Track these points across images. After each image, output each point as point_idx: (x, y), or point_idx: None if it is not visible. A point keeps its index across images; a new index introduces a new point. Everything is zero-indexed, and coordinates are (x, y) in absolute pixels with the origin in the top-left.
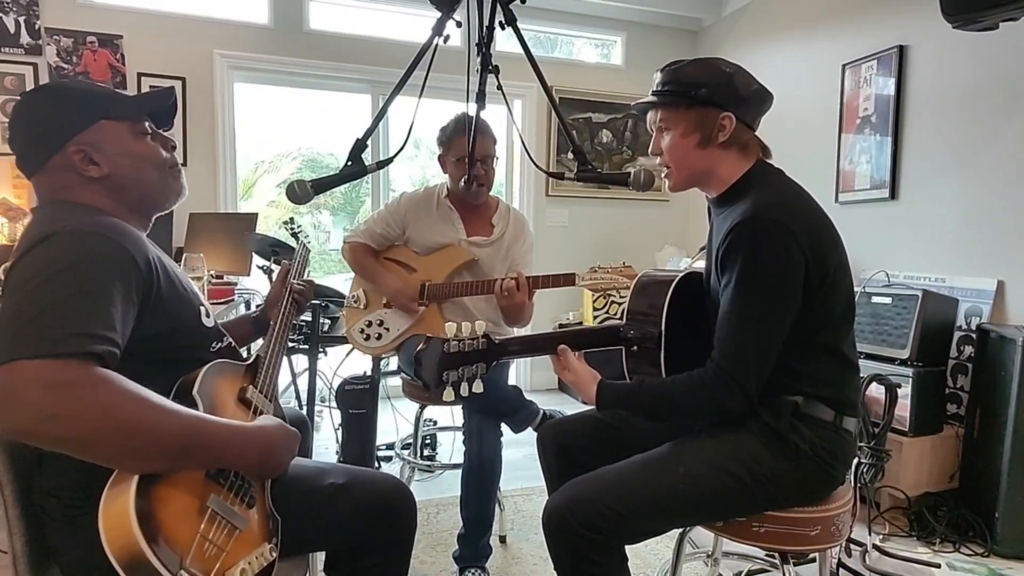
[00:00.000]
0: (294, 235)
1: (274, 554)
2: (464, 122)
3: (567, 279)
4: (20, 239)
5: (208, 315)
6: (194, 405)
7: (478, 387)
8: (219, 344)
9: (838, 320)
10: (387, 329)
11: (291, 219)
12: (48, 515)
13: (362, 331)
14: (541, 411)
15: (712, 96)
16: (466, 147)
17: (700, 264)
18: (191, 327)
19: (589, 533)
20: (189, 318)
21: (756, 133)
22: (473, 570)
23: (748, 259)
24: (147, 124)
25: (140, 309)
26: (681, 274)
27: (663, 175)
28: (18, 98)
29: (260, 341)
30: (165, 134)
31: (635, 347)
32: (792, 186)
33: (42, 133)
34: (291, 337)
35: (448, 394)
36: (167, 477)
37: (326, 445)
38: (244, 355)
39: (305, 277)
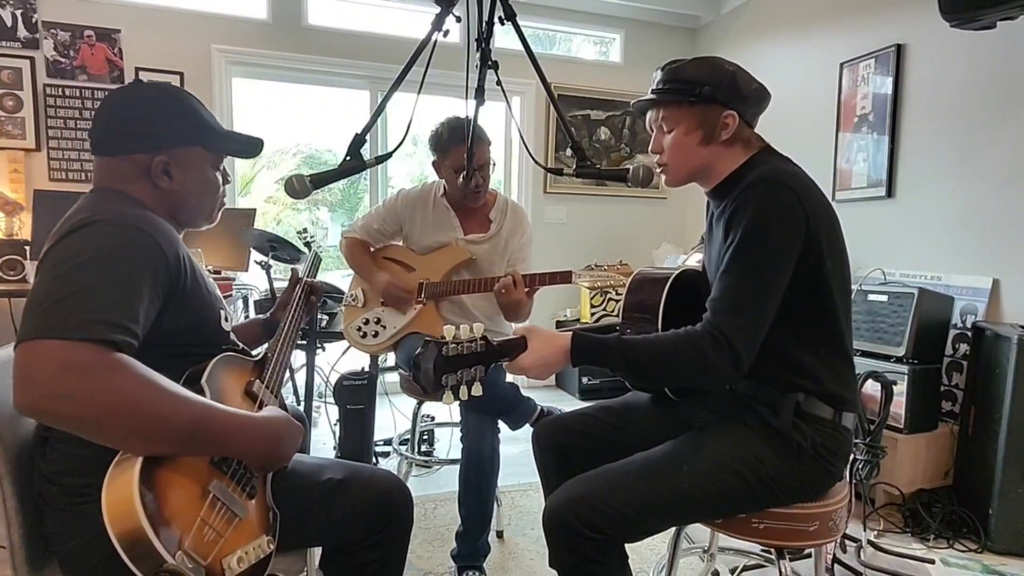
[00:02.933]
0: (307, 244)
1: (271, 546)
2: (459, 130)
3: (564, 276)
4: (63, 221)
5: (228, 319)
6: (201, 394)
7: (477, 390)
8: (231, 348)
9: (837, 310)
10: (384, 327)
11: (304, 229)
12: (48, 503)
13: (359, 329)
14: (539, 408)
15: (715, 94)
16: (463, 159)
17: (694, 260)
18: (210, 328)
19: (591, 532)
20: (210, 319)
21: (755, 131)
22: (471, 571)
23: (753, 217)
24: (221, 160)
25: (164, 303)
26: (676, 271)
27: (659, 171)
28: (15, 92)
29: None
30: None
31: None
32: (799, 170)
33: (145, 129)
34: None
35: (448, 397)
36: (172, 460)
37: (323, 441)
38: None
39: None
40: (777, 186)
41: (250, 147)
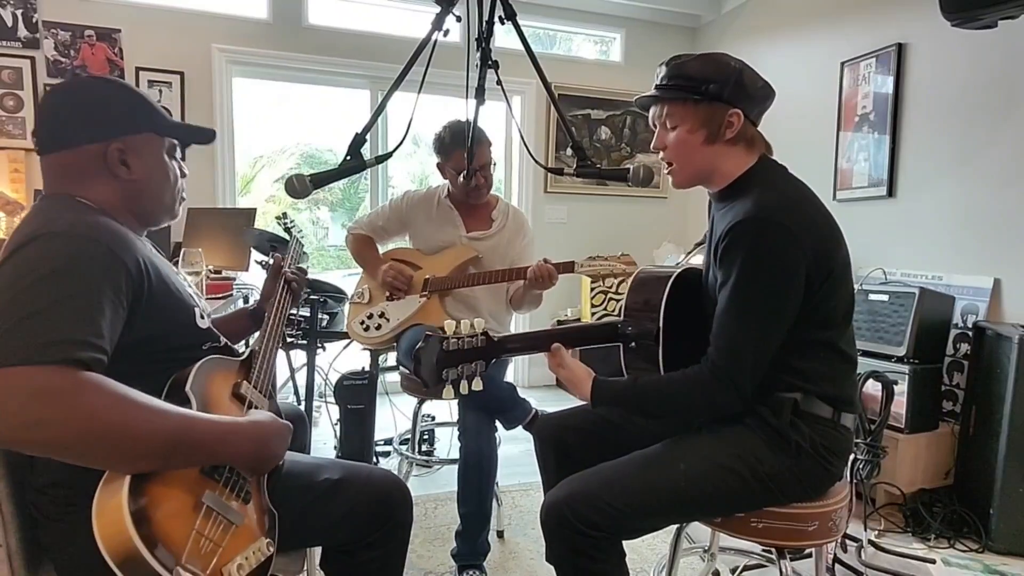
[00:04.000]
0: (287, 230)
1: (271, 549)
2: (460, 133)
3: (566, 266)
4: (12, 234)
5: (203, 316)
6: (187, 402)
7: (477, 385)
8: (213, 345)
9: (839, 318)
10: (387, 319)
11: (284, 214)
12: (41, 513)
13: (362, 323)
14: (534, 410)
15: (721, 92)
16: (481, 158)
17: (695, 260)
18: (184, 329)
19: (588, 530)
20: (182, 320)
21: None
22: (471, 570)
23: (748, 259)
24: (177, 147)
25: (130, 312)
26: (678, 270)
27: (665, 172)
28: (15, 92)
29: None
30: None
31: (633, 343)
32: (795, 184)
33: (96, 117)
34: (290, 333)
35: (448, 392)
36: (161, 475)
37: (324, 440)
38: (242, 350)
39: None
40: (768, 224)
41: (201, 135)
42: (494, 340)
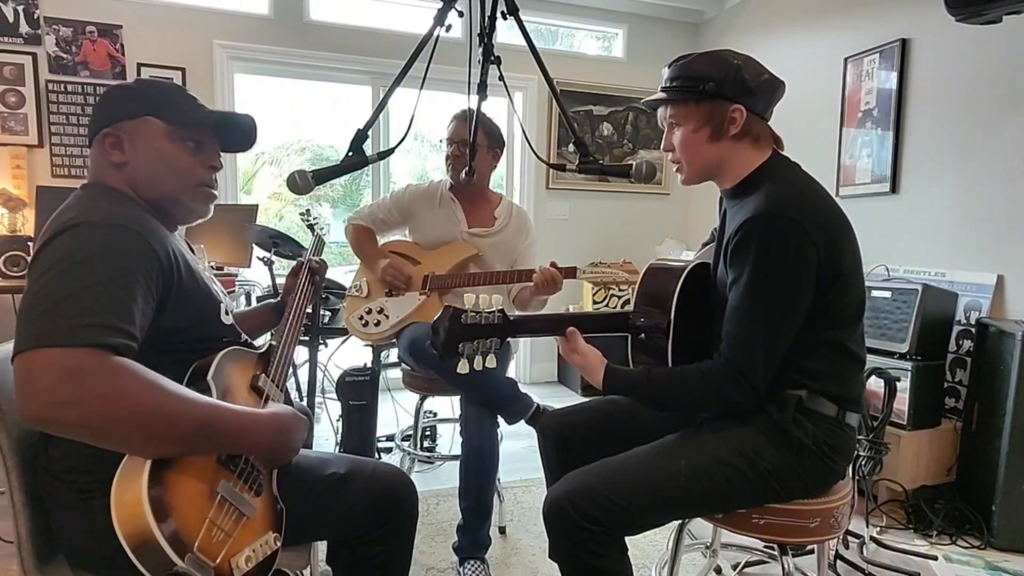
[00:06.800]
0: (310, 226)
1: (278, 543)
2: (463, 110)
3: (568, 272)
4: (51, 220)
5: (228, 313)
6: (207, 391)
7: (491, 362)
8: (233, 341)
9: (849, 318)
10: (386, 316)
11: (307, 210)
12: (54, 500)
13: (361, 318)
14: (535, 405)
15: (720, 89)
16: (456, 132)
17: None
18: (210, 323)
19: (589, 524)
20: (208, 314)
21: (768, 123)
22: (473, 562)
23: (760, 256)
24: (196, 136)
25: (159, 302)
26: (692, 264)
27: (675, 170)
28: (17, 88)
29: None
30: (218, 156)
31: (643, 335)
32: (808, 181)
33: (99, 113)
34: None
35: (462, 366)
36: (179, 462)
37: (326, 436)
38: (259, 343)
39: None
40: (780, 220)
41: (227, 119)
42: (510, 319)
